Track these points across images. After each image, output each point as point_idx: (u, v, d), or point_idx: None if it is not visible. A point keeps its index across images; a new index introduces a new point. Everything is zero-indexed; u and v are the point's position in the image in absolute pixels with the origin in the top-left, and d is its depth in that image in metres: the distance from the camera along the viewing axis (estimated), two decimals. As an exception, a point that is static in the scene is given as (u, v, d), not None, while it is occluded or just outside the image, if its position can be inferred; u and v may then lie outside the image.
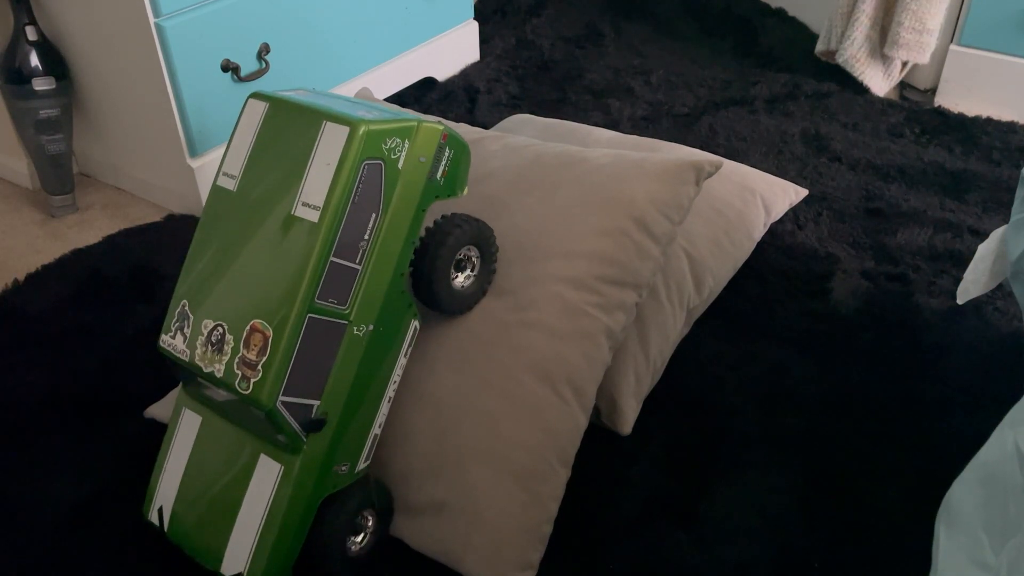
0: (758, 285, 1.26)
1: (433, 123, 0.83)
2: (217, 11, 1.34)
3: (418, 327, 0.87)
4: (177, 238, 1.39)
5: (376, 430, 0.87)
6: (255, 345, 0.77)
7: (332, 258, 0.77)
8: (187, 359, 0.81)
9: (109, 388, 1.11)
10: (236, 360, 0.78)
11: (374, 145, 0.78)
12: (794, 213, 1.40)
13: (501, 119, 1.47)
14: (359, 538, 0.87)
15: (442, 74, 1.85)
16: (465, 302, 0.92)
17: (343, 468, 0.84)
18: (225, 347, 0.79)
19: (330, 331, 0.79)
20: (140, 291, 1.27)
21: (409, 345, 0.87)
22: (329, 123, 0.78)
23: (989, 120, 1.67)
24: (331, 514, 0.84)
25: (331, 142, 0.77)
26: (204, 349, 0.80)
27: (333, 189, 0.76)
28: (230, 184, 0.84)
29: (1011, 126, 1.65)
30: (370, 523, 0.88)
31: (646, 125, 1.68)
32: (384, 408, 0.87)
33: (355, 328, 0.80)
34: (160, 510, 0.88)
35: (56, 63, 1.40)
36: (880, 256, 1.33)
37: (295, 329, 0.76)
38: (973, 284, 1.11)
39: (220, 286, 0.81)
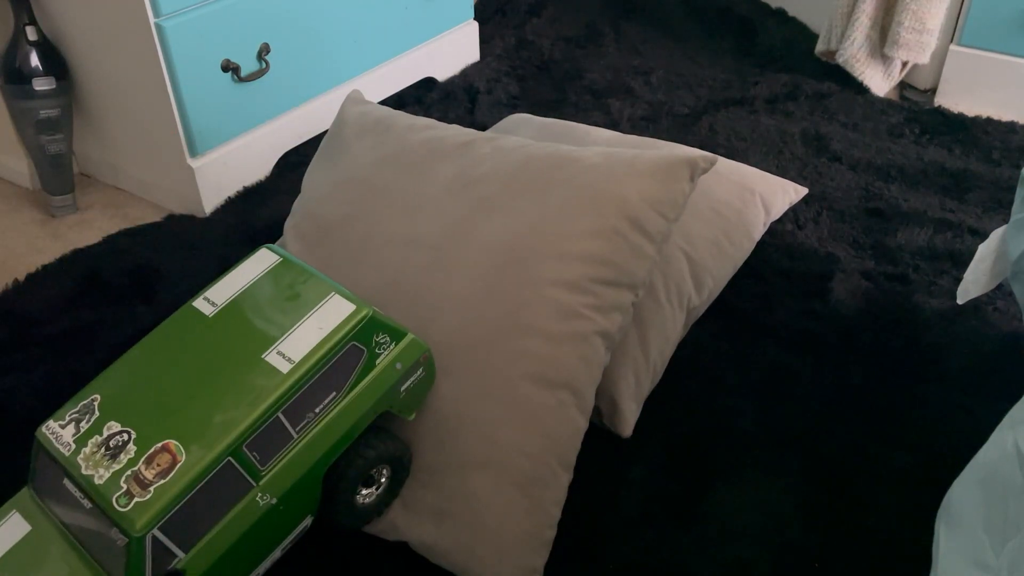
0: (758, 285, 1.26)
1: (421, 341, 0.85)
2: (217, 11, 1.34)
3: (308, 526, 0.83)
4: (177, 238, 1.39)
5: None
6: (159, 465, 0.72)
7: (279, 413, 0.75)
8: (67, 453, 0.75)
9: (109, 388, 1.11)
10: (128, 472, 0.72)
11: (368, 331, 0.80)
12: (794, 213, 1.40)
13: (501, 119, 1.47)
14: None
15: (442, 74, 1.85)
16: (360, 518, 0.87)
17: None
18: (122, 456, 0.73)
19: (236, 484, 0.74)
20: (140, 291, 1.27)
21: (292, 540, 0.82)
22: (337, 296, 0.81)
23: (989, 120, 1.67)
24: None
25: (331, 311, 0.79)
26: (95, 450, 0.74)
27: (315, 350, 0.77)
28: (207, 309, 0.84)
29: (1011, 126, 1.65)
30: None
31: (646, 125, 1.68)
32: None
33: (259, 494, 0.76)
34: None
35: (56, 63, 1.40)
36: (880, 256, 1.33)
37: (211, 463, 0.72)
38: (973, 284, 1.11)
39: (147, 395, 0.77)
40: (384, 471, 0.87)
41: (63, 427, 0.77)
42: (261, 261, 0.86)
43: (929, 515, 0.75)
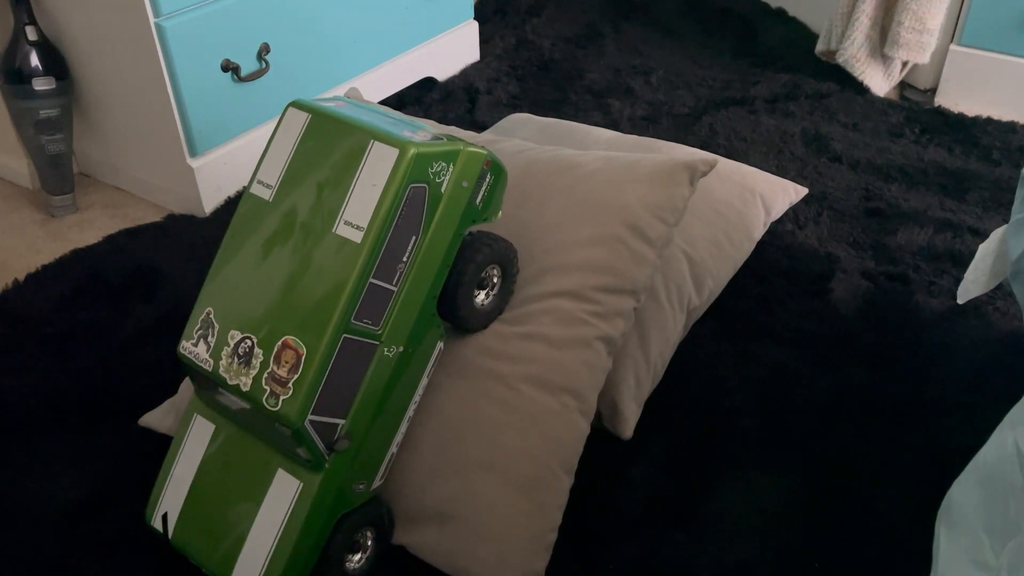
0: (758, 285, 1.26)
1: (477, 148, 0.83)
2: (217, 11, 1.34)
3: (442, 347, 0.87)
4: (177, 238, 1.39)
5: (393, 448, 0.86)
6: (287, 362, 0.76)
7: (371, 279, 0.77)
8: (210, 369, 0.80)
9: (109, 388, 1.11)
10: (265, 375, 0.77)
11: (421, 169, 0.78)
12: (794, 213, 1.40)
13: (501, 119, 1.47)
14: (356, 557, 0.86)
15: (442, 74, 1.85)
16: (484, 319, 0.92)
17: (360, 486, 0.84)
18: (253, 361, 0.78)
19: (362, 351, 0.78)
20: (140, 291, 1.27)
21: (433, 365, 0.87)
22: (377, 143, 0.78)
23: (989, 120, 1.67)
24: (333, 531, 0.83)
25: (378, 163, 0.77)
26: (230, 361, 0.79)
27: (378, 211, 0.76)
28: (265, 193, 0.83)
29: (1011, 126, 1.65)
30: (369, 542, 0.87)
31: (646, 125, 1.68)
32: (403, 427, 0.87)
33: (385, 349, 0.80)
34: (165, 516, 0.87)
35: (56, 63, 1.40)
36: (880, 256, 1.33)
37: (329, 349, 0.76)
38: (973, 284, 1.11)
39: (250, 297, 0.80)
40: (495, 272, 0.90)
41: (195, 345, 0.82)
42: (293, 123, 0.83)
43: (929, 515, 0.75)
